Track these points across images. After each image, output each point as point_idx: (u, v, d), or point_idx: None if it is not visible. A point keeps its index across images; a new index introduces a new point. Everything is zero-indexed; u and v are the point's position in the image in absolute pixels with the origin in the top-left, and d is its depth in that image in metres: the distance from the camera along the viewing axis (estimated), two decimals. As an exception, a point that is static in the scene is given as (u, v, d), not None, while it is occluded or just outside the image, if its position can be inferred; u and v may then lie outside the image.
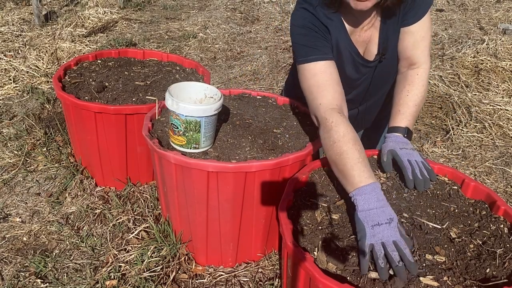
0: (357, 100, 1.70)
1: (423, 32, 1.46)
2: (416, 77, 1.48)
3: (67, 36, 3.82)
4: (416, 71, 1.48)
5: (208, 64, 3.70)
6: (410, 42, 1.47)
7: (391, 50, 1.52)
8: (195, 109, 1.40)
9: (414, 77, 1.48)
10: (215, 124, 1.50)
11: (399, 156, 1.35)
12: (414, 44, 1.47)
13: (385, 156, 1.38)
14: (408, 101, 1.45)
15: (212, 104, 1.43)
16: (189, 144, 1.46)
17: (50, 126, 2.56)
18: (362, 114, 1.79)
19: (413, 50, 1.48)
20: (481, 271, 1.07)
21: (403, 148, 1.37)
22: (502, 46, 3.43)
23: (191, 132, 1.43)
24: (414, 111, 1.45)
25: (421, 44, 1.47)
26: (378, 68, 1.56)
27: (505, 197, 2.17)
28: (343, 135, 1.26)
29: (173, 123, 1.44)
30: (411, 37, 1.47)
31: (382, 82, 1.64)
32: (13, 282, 1.61)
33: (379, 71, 1.57)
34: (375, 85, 1.63)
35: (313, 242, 1.15)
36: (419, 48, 1.47)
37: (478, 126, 2.66)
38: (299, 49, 1.42)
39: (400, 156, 1.34)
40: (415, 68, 1.49)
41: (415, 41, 1.47)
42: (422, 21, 1.45)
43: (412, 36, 1.46)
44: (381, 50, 1.50)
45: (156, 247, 1.71)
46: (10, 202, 2.03)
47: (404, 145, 1.39)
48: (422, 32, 1.46)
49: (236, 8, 5.13)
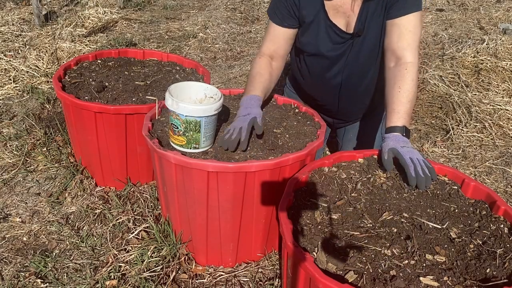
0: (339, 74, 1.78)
1: (410, 27, 1.51)
2: (405, 71, 1.50)
3: (67, 36, 3.82)
4: (405, 66, 1.51)
5: (208, 64, 3.70)
6: (395, 34, 1.53)
7: (369, 33, 1.62)
8: (195, 109, 1.40)
9: (403, 72, 1.50)
10: (215, 124, 1.50)
11: (400, 154, 1.36)
12: (400, 36, 1.52)
13: (386, 154, 1.39)
14: (401, 98, 1.48)
15: (212, 104, 1.43)
16: (189, 144, 1.46)
17: (50, 126, 2.56)
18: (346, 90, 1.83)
19: (398, 42, 1.53)
20: (481, 271, 1.07)
21: (404, 147, 1.39)
22: (502, 46, 3.43)
23: (191, 132, 1.43)
24: (409, 107, 1.48)
25: (407, 37, 1.52)
26: (355, 47, 1.66)
27: (505, 197, 2.17)
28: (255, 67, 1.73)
29: (173, 123, 1.44)
30: (397, 29, 1.53)
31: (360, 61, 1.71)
32: (13, 282, 1.61)
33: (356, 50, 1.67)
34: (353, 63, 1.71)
35: (313, 242, 1.15)
36: (405, 40, 1.52)
37: (478, 126, 2.66)
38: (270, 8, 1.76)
39: (402, 154, 1.36)
40: (403, 63, 1.51)
41: (400, 33, 1.52)
42: (410, 17, 1.52)
43: (398, 28, 1.53)
44: (359, 26, 1.60)
45: (156, 247, 1.71)
46: (10, 202, 2.03)
47: (405, 143, 1.41)
48: (409, 27, 1.52)
49: (236, 8, 5.13)
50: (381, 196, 1.34)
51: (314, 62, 1.79)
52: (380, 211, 1.28)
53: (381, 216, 1.25)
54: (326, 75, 1.78)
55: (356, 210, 1.28)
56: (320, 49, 1.72)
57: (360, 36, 1.64)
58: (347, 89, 1.82)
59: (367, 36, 1.64)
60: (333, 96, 1.86)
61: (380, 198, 1.33)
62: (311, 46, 1.74)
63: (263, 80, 1.70)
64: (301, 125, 1.73)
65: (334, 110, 1.94)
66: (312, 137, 1.63)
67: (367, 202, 1.31)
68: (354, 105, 1.91)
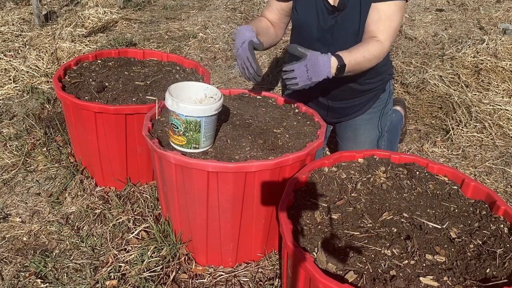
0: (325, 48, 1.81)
1: (389, 13, 1.64)
2: (374, 40, 1.64)
3: (67, 36, 3.81)
4: (376, 39, 1.65)
5: (208, 64, 3.70)
6: (374, 17, 1.66)
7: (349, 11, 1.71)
8: (195, 109, 1.40)
9: (371, 40, 1.65)
10: (215, 124, 1.50)
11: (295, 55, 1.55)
12: (378, 20, 1.65)
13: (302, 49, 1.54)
14: (360, 49, 1.61)
15: (212, 104, 1.43)
16: (189, 144, 1.46)
17: (50, 126, 2.56)
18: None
19: (375, 25, 1.66)
20: (481, 271, 1.07)
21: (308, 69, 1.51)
22: (502, 46, 3.43)
23: (191, 132, 1.43)
24: (359, 58, 1.59)
25: (384, 22, 1.64)
26: (338, 23, 1.76)
27: (505, 197, 2.17)
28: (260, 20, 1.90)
29: (173, 123, 1.44)
30: (376, 13, 1.65)
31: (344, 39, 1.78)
32: (13, 282, 1.61)
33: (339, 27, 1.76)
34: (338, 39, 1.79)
35: (313, 242, 1.15)
36: (381, 24, 1.64)
37: (478, 126, 2.66)
38: None
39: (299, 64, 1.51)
40: (374, 38, 1.66)
41: (379, 18, 1.65)
42: (390, 4, 1.63)
43: (377, 13, 1.65)
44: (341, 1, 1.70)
45: (156, 247, 1.71)
46: (10, 202, 2.03)
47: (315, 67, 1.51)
48: (388, 13, 1.64)
49: (236, 8, 5.13)
50: (381, 196, 1.34)
51: (303, 35, 1.87)
52: (380, 211, 1.28)
53: (381, 216, 1.25)
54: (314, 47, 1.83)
55: (356, 210, 1.28)
56: (308, 18, 1.81)
57: (342, 11, 1.73)
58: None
59: (348, 13, 1.72)
60: None
61: (380, 198, 1.33)
62: (302, 14, 1.83)
63: (257, 23, 1.86)
64: (301, 125, 1.73)
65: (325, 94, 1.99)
66: (312, 137, 1.63)
67: (367, 202, 1.31)
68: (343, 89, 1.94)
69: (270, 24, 1.92)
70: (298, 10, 1.84)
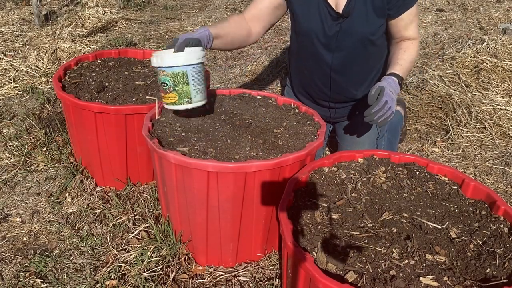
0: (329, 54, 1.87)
1: (412, 16, 1.77)
2: (411, 43, 1.80)
3: (67, 36, 3.81)
4: (411, 41, 1.80)
5: (208, 64, 3.70)
6: (402, 26, 1.78)
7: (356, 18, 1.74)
8: (179, 58, 1.43)
9: (409, 44, 1.79)
10: (203, 77, 1.52)
11: (383, 94, 1.56)
12: (406, 26, 1.78)
13: (374, 90, 1.58)
14: (406, 57, 1.75)
15: (194, 52, 1.46)
16: (181, 100, 1.47)
17: (50, 126, 2.56)
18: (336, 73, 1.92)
19: (405, 31, 1.79)
20: (481, 271, 1.07)
21: (391, 92, 1.60)
22: (502, 46, 3.43)
23: (181, 85, 1.45)
24: (408, 67, 1.75)
25: (411, 25, 1.79)
26: (343, 29, 1.78)
27: (505, 197, 2.17)
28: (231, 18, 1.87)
29: (162, 82, 1.46)
30: (401, 22, 1.77)
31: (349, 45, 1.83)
32: (13, 282, 1.61)
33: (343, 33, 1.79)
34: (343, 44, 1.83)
35: (313, 242, 1.15)
36: (409, 28, 1.79)
37: (478, 126, 2.66)
38: None
39: (384, 95, 1.56)
40: (408, 39, 1.80)
41: (405, 24, 1.77)
42: (411, 10, 1.74)
43: (403, 21, 1.77)
44: (346, 9, 1.73)
45: (156, 247, 1.71)
46: (10, 202, 2.03)
47: (393, 89, 1.62)
48: (411, 17, 1.77)
49: (236, 8, 5.13)
50: (381, 196, 1.34)
51: (307, 42, 1.88)
52: (380, 211, 1.28)
53: (381, 216, 1.25)
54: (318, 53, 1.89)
55: (356, 210, 1.28)
56: (312, 25, 1.81)
57: (347, 18, 1.75)
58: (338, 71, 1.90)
59: (353, 19, 1.75)
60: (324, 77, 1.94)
61: (380, 198, 1.33)
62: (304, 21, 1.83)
63: (223, 23, 1.84)
64: (301, 125, 1.73)
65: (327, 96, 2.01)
66: (312, 137, 1.63)
67: (367, 202, 1.31)
68: (346, 91, 1.97)
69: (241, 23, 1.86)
70: (300, 16, 1.83)
